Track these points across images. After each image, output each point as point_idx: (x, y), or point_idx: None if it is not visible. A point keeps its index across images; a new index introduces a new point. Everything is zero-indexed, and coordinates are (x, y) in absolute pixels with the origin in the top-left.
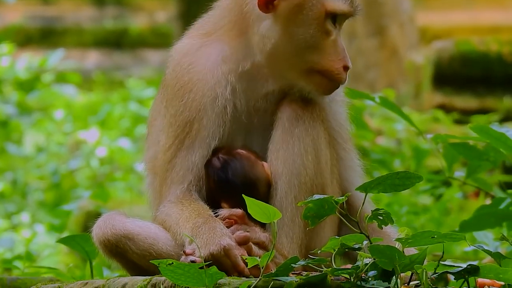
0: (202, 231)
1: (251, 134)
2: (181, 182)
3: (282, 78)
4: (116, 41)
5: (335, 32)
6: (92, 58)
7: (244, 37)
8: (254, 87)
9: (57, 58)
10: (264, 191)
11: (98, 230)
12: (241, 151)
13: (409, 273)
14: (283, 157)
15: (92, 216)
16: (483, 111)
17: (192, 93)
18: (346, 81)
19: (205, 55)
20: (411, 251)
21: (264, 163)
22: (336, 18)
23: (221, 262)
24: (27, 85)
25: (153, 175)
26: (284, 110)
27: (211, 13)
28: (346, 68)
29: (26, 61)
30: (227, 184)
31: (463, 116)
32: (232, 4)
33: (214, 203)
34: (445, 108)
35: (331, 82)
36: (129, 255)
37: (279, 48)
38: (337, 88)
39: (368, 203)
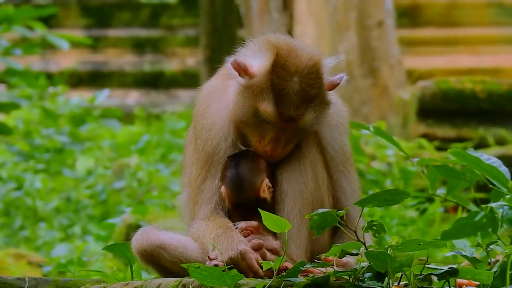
0: (222, 239)
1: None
2: (209, 203)
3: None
4: (153, 82)
5: (272, 124)
6: (133, 97)
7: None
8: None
9: (103, 97)
10: (252, 197)
11: (136, 242)
12: (261, 158)
13: (399, 274)
14: (287, 177)
15: (133, 228)
16: (460, 140)
17: (208, 133)
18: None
19: (216, 99)
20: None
21: (267, 181)
22: None
23: (239, 265)
24: (79, 119)
25: (188, 190)
26: None
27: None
28: (268, 154)
29: (78, 99)
30: (230, 171)
31: (443, 144)
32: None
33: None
34: (428, 137)
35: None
36: (162, 262)
37: (236, 109)
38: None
39: (354, 215)
